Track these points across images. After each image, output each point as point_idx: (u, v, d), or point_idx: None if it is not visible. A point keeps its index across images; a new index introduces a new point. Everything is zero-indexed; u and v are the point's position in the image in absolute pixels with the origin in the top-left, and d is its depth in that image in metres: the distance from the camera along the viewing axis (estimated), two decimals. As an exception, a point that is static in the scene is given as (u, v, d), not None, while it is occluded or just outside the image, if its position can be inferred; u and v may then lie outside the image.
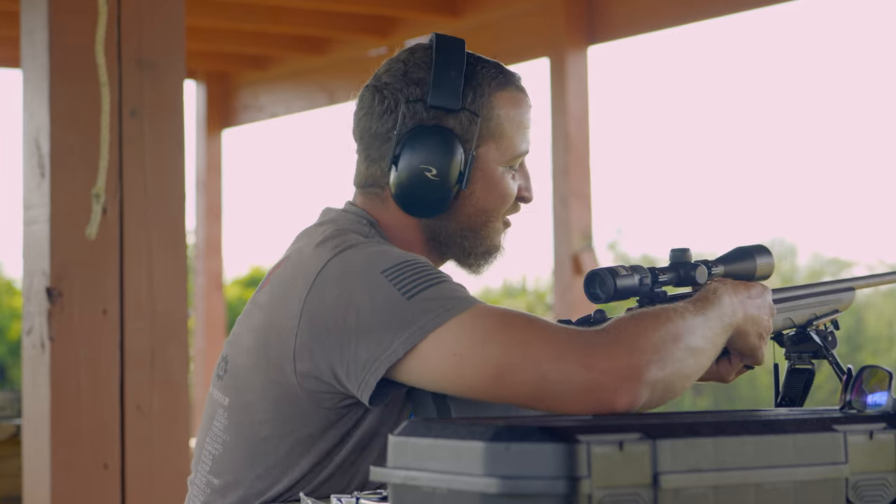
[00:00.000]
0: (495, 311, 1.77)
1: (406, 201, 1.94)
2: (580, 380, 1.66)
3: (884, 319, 12.40)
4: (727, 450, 1.37)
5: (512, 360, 1.71)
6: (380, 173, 1.96)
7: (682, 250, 1.92)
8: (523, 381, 1.70)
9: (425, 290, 1.76)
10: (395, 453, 1.43)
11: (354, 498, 1.74)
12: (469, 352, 1.73)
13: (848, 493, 1.43)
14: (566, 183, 6.08)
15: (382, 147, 1.95)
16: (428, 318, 1.74)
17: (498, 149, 1.99)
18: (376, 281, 1.78)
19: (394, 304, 1.76)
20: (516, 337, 1.72)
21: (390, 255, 1.83)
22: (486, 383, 1.73)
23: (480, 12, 6.47)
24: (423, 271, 1.79)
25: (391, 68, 1.97)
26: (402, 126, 1.93)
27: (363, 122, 1.97)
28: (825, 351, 2.02)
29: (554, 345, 1.70)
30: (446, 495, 1.35)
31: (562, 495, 1.28)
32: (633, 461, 1.32)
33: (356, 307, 1.78)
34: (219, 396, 1.95)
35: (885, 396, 1.52)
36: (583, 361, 1.67)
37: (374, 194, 1.98)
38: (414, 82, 1.94)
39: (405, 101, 1.93)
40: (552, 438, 1.30)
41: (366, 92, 1.98)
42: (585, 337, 1.70)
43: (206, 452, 1.95)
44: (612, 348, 1.68)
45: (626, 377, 1.66)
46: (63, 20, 3.35)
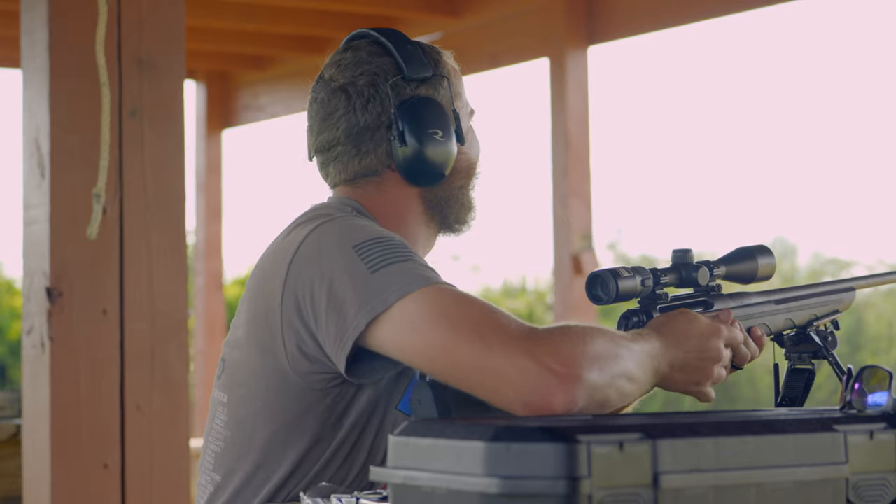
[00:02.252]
0: (455, 291, 1.80)
1: (418, 171, 2.00)
2: (522, 369, 1.68)
3: (884, 319, 12.40)
4: (727, 450, 1.37)
5: (460, 338, 1.73)
6: (375, 161, 2.01)
7: (683, 251, 1.92)
8: (467, 362, 1.73)
9: (391, 266, 1.80)
10: (395, 453, 1.43)
11: (354, 498, 1.74)
12: (425, 325, 1.76)
13: (848, 493, 1.43)
14: (566, 183, 6.08)
15: (376, 134, 2.00)
16: (390, 291, 1.78)
17: (462, 106, 2.08)
18: (346, 256, 1.83)
19: (359, 277, 1.80)
20: (469, 317, 1.75)
21: (364, 231, 1.87)
22: (435, 358, 1.76)
23: (480, 12, 6.46)
24: (392, 248, 1.83)
25: (342, 66, 2.04)
26: (394, 105, 1.99)
27: (344, 122, 2.01)
28: (825, 351, 2.03)
29: (504, 332, 1.72)
30: (446, 495, 1.35)
31: (562, 495, 1.28)
32: (633, 461, 1.32)
33: (328, 282, 1.82)
34: (218, 395, 1.99)
35: (885, 396, 1.52)
36: (529, 352, 1.68)
37: (368, 182, 2.03)
38: (383, 65, 2.01)
39: (385, 83, 2.00)
40: (552, 438, 1.30)
41: (331, 98, 2.03)
42: (535, 331, 1.72)
43: (209, 451, 1.98)
44: (558, 347, 1.69)
45: (567, 376, 1.67)
46: (63, 20, 3.35)
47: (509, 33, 6.45)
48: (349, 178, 2.04)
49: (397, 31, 2.06)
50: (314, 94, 2.07)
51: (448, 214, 2.08)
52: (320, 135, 2.05)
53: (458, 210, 2.08)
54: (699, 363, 1.85)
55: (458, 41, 6.73)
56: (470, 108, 2.11)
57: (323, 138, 2.04)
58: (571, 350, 1.69)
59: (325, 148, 2.05)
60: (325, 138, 2.04)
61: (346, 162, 2.03)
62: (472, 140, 2.10)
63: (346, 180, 2.04)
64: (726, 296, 1.96)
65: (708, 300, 1.94)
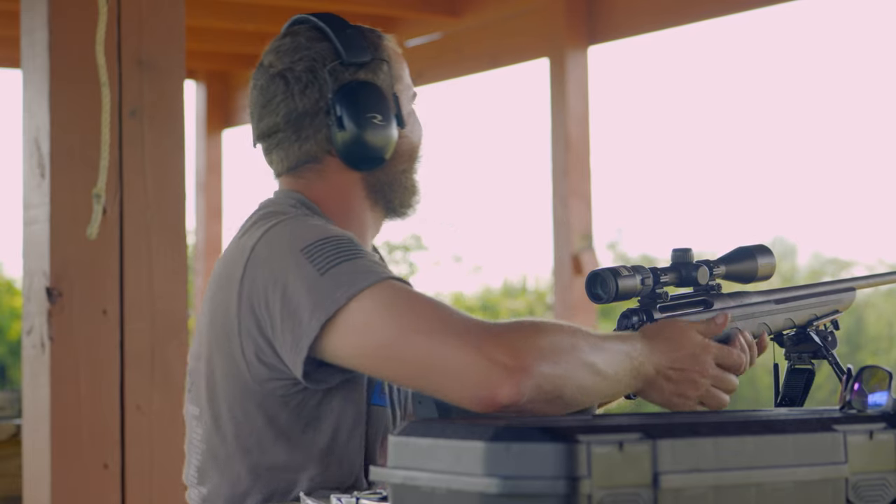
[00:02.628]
0: (403, 288, 1.79)
1: (358, 156, 2.00)
2: (467, 362, 1.68)
3: (884, 319, 12.40)
4: (727, 450, 1.37)
5: (407, 335, 1.73)
6: (315, 147, 2.01)
7: (683, 250, 1.92)
8: (415, 359, 1.73)
9: (339, 265, 1.79)
10: (395, 453, 1.43)
11: (354, 498, 1.74)
12: (376, 323, 1.75)
13: (848, 493, 1.43)
14: (566, 183, 6.08)
15: (315, 119, 2.00)
16: (340, 292, 1.77)
17: (403, 90, 2.08)
18: (296, 260, 1.82)
19: (310, 281, 1.79)
20: (416, 312, 1.74)
21: (312, 231, 1.86)
22: (385, 359, 1.76)
23: (480, 12, 6.46)
24: (339, 247, 1.83)
25: (281, 52, 2.03)
26: (331, 90, 1.99)
27: (283, 107, 2.01)
28: (825, 351, 2.02)
29: (451, 326, 1.71)
30: (446, 495, 1.35)
31: (562, 495, 1.28)
32: (633, 461, 1.32)
33: (281, 288, 1.82)
34: (192, 409, 1.98)
35: (885, 396, 1.52)
36: (474, 344, 1.68)
37: (309, 170, 2.03)
38: (321, 50, 2.01)
39: (323, 68, 2.00)
40: (552, 438, 1.30)
41: (269, 84, 2.02)
42: (483, 325, 1.71)
43: (192, 466, 1.98)
44: (506, 339, 1.68)
45: (513, 368, 1.66)
46: (63, 20, 3.34)
47: (509, 33, 6.45)
48: (292, 165, 2.04)
49: (336, 17, 2.07)
50: (254, 80, 2.06)
51: (392, 198, 2.07)
52: (261, 122, 2.04)
53: (402, 194, 2.08)
54: (687, 374, 1.84)
55: (458, 41, 6.74)
56: (412, 92, 2.11)
57: (264, 125, 2.04)
58: (519, 342, 1.68)
59: (266, 135, 2.04)
60: (266, 125, 2.04)
61: (286, 148, 2.03)
62: (413, 124, 2.09)
63: (289, 168, 2.04)
64: (726, 295, 1.96)
65: (708, 299, 1.94)
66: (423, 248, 17.15)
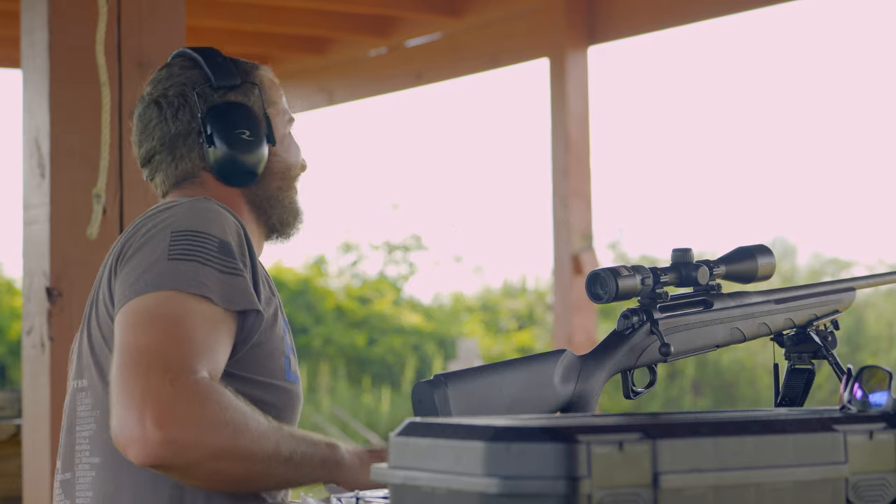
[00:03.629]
0: (170, 311, 1.84)
1: (230, 171, 2.12)
2: (127, 406, 1.74)
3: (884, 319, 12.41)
4: (727, 450, 1.37)
5: (130, 349, 1.79)
6: (191, 165, 2.13)
7: (683, 250, 1.92)
8: (118, 370, 1.78)
9: (185, 262, 1.88)
10: (395, 453, 1.43)
11: (354, 498, 1.74)
12: (133, 322, 1.84)
13: (848, 493, 1.43)
14: (566, 183, 6.08)
15: (188, 140, 2.13)
16: (162, 280, 1.86)
17: (277, 114, 2.18)
18: (163, 236, 1.92)
19: (155, 259, 1.89)
20: (151, 337, 1.80)
21: (193, 220, 1.94)
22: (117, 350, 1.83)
23: (480, 12, 6.46)
24: (202, 247, 1.90)
25: (155, 81, 2.16)
26: (201, 111, 2.11)
27: (158, 131, 2.13)
28: (825, 351, 2.02)
29: (154, 368, 1.76)
30: (446, 495, 1.35)
31: (562, 495, 1.28)
32: (633, 461, 1.32)
33: (135, 250, 1.93)
34: (75, 384, 2.05)
35: (885, 396, 1.52)
36: (143, 396, 1.74)
37: (190, 184, 2.14)
38: (192, 77, 2.14)
39: (193, 92, 2.12)
40: (552, 438, 1.30)
41: (145, 111, 2.15)
42: (176, 379, 1.75)
43: (82, 438, 2.01)
44: (171, 407, 1.74)
45: (149, 438, 1.72)
46: (63, 20, 3.34)
47: (509, 33, 6.45)
48: (173, 182, 2.15)
49: (212, 49, 2.18)
50: (135, 111, 2.18)
51: (271, 215, 2.17)
52: (140, 147, 2.17)
53: (281, 212, 2.18)
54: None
55: (458, 41, 6.74)
56: (288, 117, 2.23)
57: (143, 150, 2.17)
58: (179, 416, 1.73)
59: (147, 159, 2.17)
60: (145, 150, 2.16)
61: (165, 169, 2.15)
62: (289, 145, 2.20)
63: (172, 185, 2.15)
64: (726, 295, 1.96)
65: (708, 299, 1.94)
66: (423, 248, 17.15)
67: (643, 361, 1.89)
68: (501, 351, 14.50)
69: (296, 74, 7.66)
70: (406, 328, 15.37)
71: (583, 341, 5.94)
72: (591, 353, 1.87)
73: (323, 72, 7.52)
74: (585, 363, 1.85)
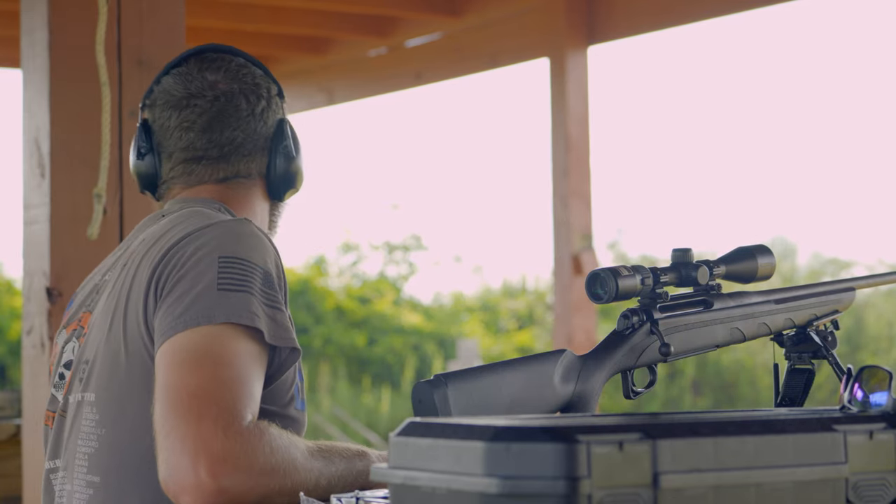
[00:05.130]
0: (219, 350, 1.81)
1: (282, 184, 2.16)
2: (179, 454, 1.72)
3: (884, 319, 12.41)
4: (727, 450, 1.37)
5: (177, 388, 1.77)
6: (255, 167, 2.14)
7: (683, 250, 1.92)
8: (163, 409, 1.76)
9: (236, 293, 1.85)
10: (395, 453, 1.43)
11: (354, 498, 1.74)
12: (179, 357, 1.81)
13: (848, 493, 1.43)
14: (566, 183, 6.09)
15: (265, 142, 2.14)
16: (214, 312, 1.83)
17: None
18: (210, 261, 1.88)
19: (204, 289, 1.85)
20: (202, 373, 1.78)
21: (242, 247, 1.91)
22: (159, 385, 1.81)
23: (480, 12, 6.47)
24: (250, 277, 1.88)
25: (233, 74, 2.15)
26: (273, 118, 2.15)
27: (245, 124, 2.13)
28: (825, 351, 2.02)
29: (205, 412, 1.74)
30: (446, 495, 1.35)
31: (562, 495, 1.28)
32: (633, 461, 1.32)
33: (180, 276, 1.88)
34: (81, 396, 1.98)
35: (885, 396, 1.52)
36: (196, 445, 1.73)
37: (236, 184, 2.14)
38: (266, 81, 2.18)
39: (271, 97, 2.16)
40: (552, 438, 1.30)
41: (232, 98, 2.13)
42: (228, 428, 1.74)
43: (81, 454, 1.96)
44: (226, 452, 1.73)
45: (203, 487, 1.71)
46: (63, 20, 3.35)
47: (509, 33, 6.45)
48: (222, 177, 2.15)
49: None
50: (199, 93, 2.15)
51: (271, 230, 2.25)
52: (209, 133, 2.16)
53: (273, 230, 2.26)
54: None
55: (458, 41, 6.74)
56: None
57: (214, 136, 2.16)
58: (232, 465, 1.72)
59: (211, 147, 2.16)
60: (220, 137, 2.15)
61: (228, 162, 2.17)
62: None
63: (219, 179, 2.16)
64: (726, 295, 1.96)
65: (708, 299, 1.94)
66: (423, 248, 17.15)
67: (643, 361, 1.89)
68: (501, 351, 14.50)
69: (296, 74, 7.66)
70: (406, 328, 15.37)
71: (583, 341, 5.94)
72: (591, 353, 1.87)
73: (323, 72, 7.52)
74: (585, 363, 1.85)
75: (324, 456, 1.85)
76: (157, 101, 2.15)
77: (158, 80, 2.17)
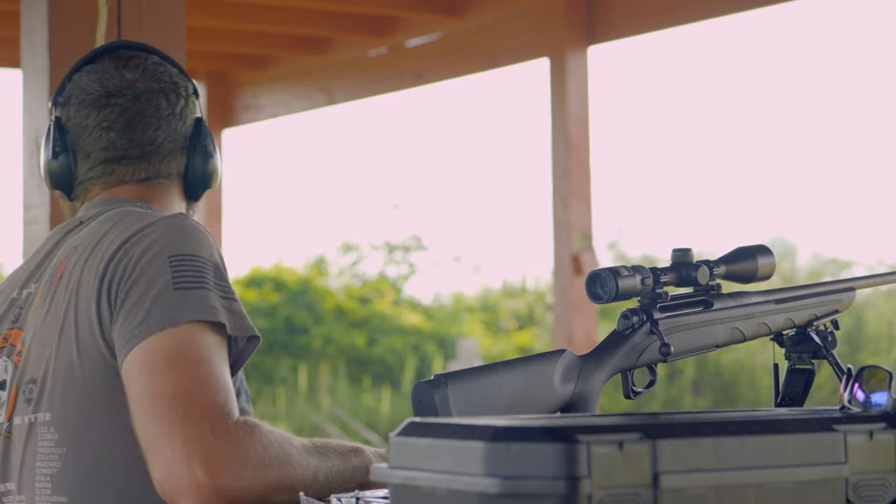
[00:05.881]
0: (187, 349, 1.78)
1: (198, 184, 2.13)
2: (171, 457, 1.71)
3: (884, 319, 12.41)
4: (727, 450, 1.37)
5: (154, 400, 1.74)
6: (174, 167, 2.11)
7: (683, 250, 1.92)
8: (144, 423, 1.75)
9: (192, 290, 1.82)
10: (395, 453, 1.43)
11: (354, 497, 1.74)
12: (153, 370, 1.78)
13: (848, 493, 1.43)
14: (566, 183, 6.09)
15: (184, 142, 2.11)
16: (179, 313, 1.80)
17: None
18: (161, 263, 1.85)
19: (161, 290, 1.82)
20: (176, 381, 1.75)
21: (188, 242, 1.88)
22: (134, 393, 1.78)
23: (480, 12, 6.47)
24: (202, 271, 1.85)
25: (152, 73, 2.11)
26: (191, 117, 2.12)
27: (166, 123, 2.09)
28: (825, 351, 2.02)
29: (190, 411, 1.72)
30: (446, 495, 1.35)
31: (562, 495, 1.28)
32: (633, 461, 1.32)
33: (133, 281, 1.84)
34: (34, 417, 1.92)
35: (885, 396, 1.52)
36: (187, 445, 1.70)
37: (156, 184, 2.10)
38: (183, 79, 2.14)
39: (188, 95, 2.13)
40: (552, 438, 1.30)
41: (152, 98, 2.09)
42: (214, 425, 1.72)
43: (41, 475, 1.91)
44: (218, 453, 1.71)
45: (202, 487, 1.70)
46: (63, 20, 3.34)
47: (509, 33, 6.45)
48: (142, 177, 2.11)
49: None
50: (118, 92, 2.11)
51: None
52: (130, 132, 2.11)
53: None
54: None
55: (458, 41, 6.74)
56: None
57: (136, 137, 2.11)
58: (227, 462, 1.70)
59: (133, 146, 2.12)
60: (140, 137, 2.11)
61: (149, 163, 2.12)
62: None
63: (139, 179, 2.12)
64: (726, 295, 1.96)
65: (708, 299, 1.94)
66: (423, 248, 17.16)
67: (643, 361, 1.89)
68: (501, 351, 14.50)
69: (296, 74, 7.67)
70: (406, 328, 15.38)
71: (583, 341, 5.94)
72: (591, 353, 1.87)
73: (323, 72, 7.52)
74: (585, 363, 1.85)
75: (319, 452, 1.84)
76: (71, 99, 2.09)
77: (70, 77, 2.11)
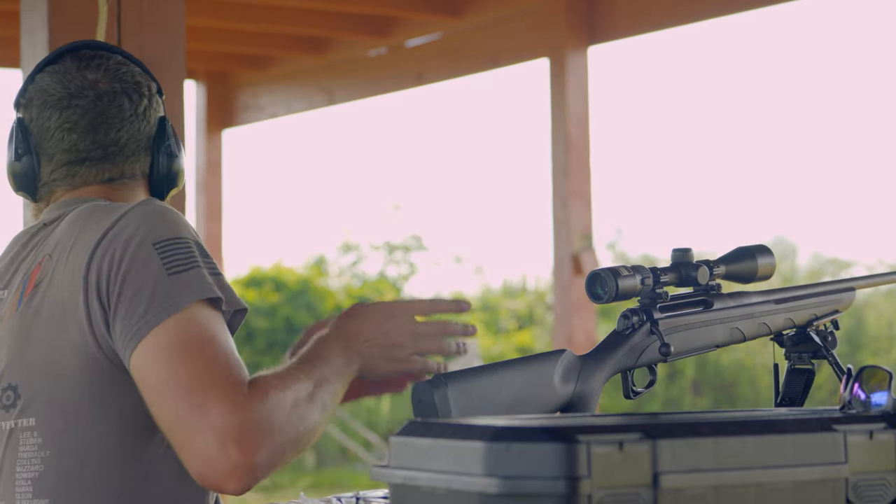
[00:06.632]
0: (195, 332, 1.78)
1: (164, 183, 2.11)
2: (205, 444, 1.70)
3: (884, 319, 12.41)
4: (727, 450, 1.37)
5: (174, 387, 1.74)
6: (138, 167, 2.08)
7: (683, 250, 1.92)
8: (169, 415, 1.74)
9: (186, 272, 1.82)
10: (395, 453, 1.43)
11: (354, 497, 1.74)
12: (167, 358, 1.77)
13: (848, 493, 1.43)
14: (566, 183, 6.09)
15: (148, 142, 2.09)
16: (181, 296, 1.79)
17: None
18: (147, 252, 1.83)
19: (156, 279, 1.80)
20: (193, 364, 1.75)
21: (167, 226, 1.87)
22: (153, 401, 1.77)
23: (480, 12, 6.47)
24: (188, 252, 1.85)
25: (114, 73, 2.09)
26: (155, 116, 2.10)
27: (128, 125, 2.07)
28: (825, 351, 2.02)
29: (210, 392, 1.71)
30: (446, 495, 1.35)
31: (562, 495, 1.28)
32: (633, 461, 1.32)
33: (123, 275, 1.82)
34: (14, 423, 1.91)
35: (885, 396, 1.52)
36: (217, 428, 1.69)
37: (121, 185, 2.07)
38: (146, 78, 2.13)
39: (152, 95, 2.11)
40: (552, 438, 1.30)
41: (114, 99, 2.07)
42: (236, 401, 1.71)
43: (22, 480, 1.89)
44: (247, 428, 1.70)
45: (240, 467, 1.69)
46: (63, 20, 3.35)
47: (509, 33, 6.45)
48: (106, 178, 2.08)
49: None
50: (79, 94, 2.08)
51: None
52: (93, 133, 2.08)
53: None
54: (386, 339, 1.90)
55: (458, 41, 6.74)
56: None
57: (98, 138, 2.08)
58: (256, 434, 1.70)
59: (96, 148, 2.08)
60: (104, 138, 2.08)
61: (112, 164, 2.09)
62: None
63: (104, 181, 2.09)
64: (726, 295, 1.96)
65: (708, 299, 1.94)
66: (424, 248, 17.16)
67: (643, 361, 1.89)
68: (501, 351, 14.50)
69: (296, 74, 7.67)
70: (406, 328, 15.32)
71: (583, 341, 5.94)
72: (591, 353, 1.87)
73: (323, 72, 7.52)
74: (585, 363, 1.85)
75: (314, 379, 1.82)
76: (33, 101, 2.07)
77: (33, 78, 2.08)
